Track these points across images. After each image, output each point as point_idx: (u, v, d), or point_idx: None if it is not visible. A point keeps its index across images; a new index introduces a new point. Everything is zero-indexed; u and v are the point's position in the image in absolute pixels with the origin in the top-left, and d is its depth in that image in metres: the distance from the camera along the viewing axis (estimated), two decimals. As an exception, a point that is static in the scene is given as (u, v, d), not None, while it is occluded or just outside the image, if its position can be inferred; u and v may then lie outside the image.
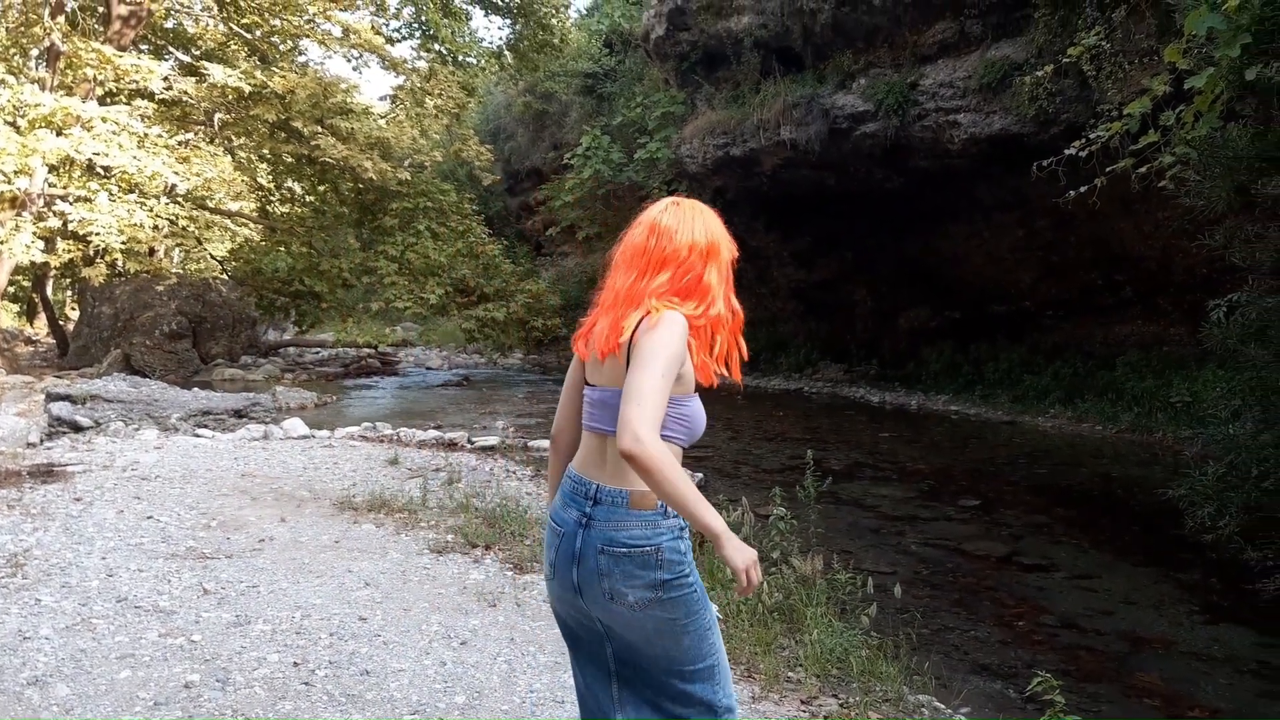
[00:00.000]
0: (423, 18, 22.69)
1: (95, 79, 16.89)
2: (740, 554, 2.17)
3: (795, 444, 12.13)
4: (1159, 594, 6.56)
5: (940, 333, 19.80)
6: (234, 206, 22.86)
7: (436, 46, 23.12)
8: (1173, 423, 12.24)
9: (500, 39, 33.67)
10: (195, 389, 16.83)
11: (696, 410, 2.36)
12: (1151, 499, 8.62)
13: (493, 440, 11.48)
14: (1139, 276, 15.73)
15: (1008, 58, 13.81)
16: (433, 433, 11.90)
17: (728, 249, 2.41)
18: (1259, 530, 6.01)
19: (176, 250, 24.50)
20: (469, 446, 11.26)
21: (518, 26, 23.63)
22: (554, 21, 23.21)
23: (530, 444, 11.50)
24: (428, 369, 25.25)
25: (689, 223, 2.39)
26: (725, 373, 2.44)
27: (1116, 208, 13.87)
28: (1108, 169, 6.24)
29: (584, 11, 31.46)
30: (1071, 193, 6.47)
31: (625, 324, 2.28)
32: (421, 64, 23.07)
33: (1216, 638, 5.68)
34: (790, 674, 4.33)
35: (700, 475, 9.59)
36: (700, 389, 2.40)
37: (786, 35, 17.29)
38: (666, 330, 2.22)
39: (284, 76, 18.68)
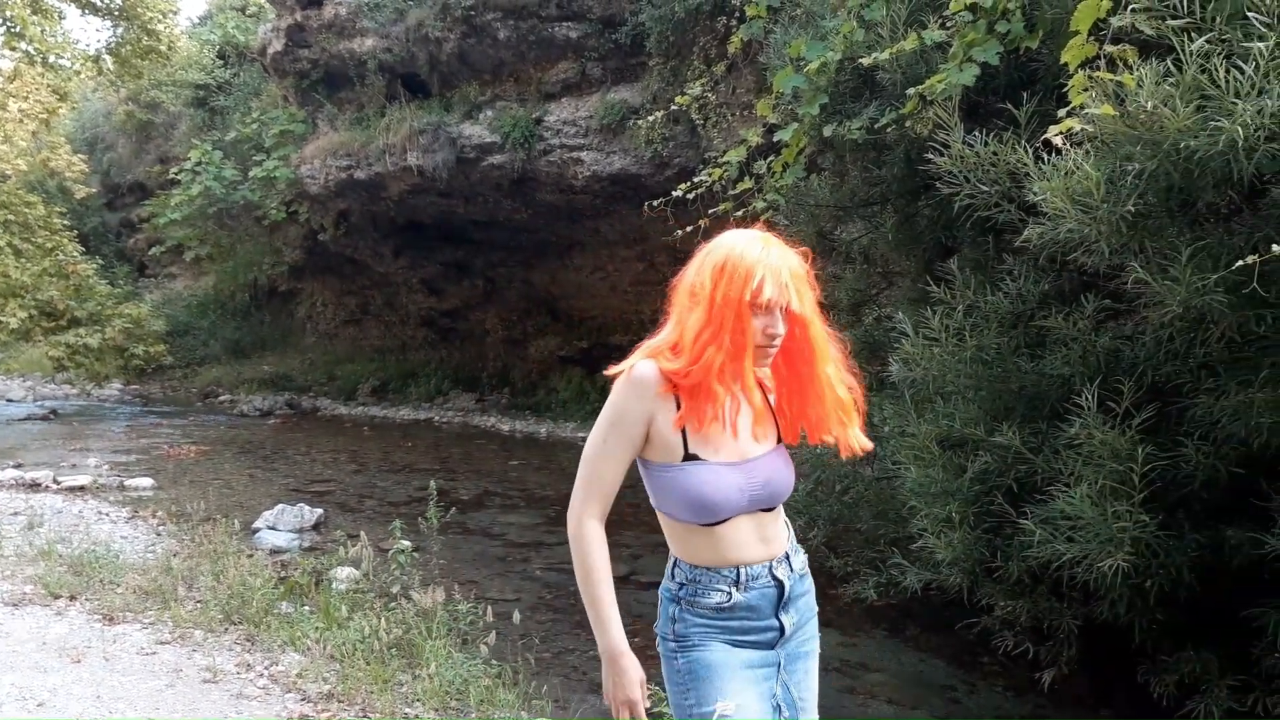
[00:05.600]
0: (7, 13, 20.25)
1: None
2: (607, 680, 2.06)
3: (423, 475, 11.94)
4: (759, 603, 7.09)
5: (569, 361, 20.40)
6: None
7: (23, 45, 20.70)
8: (774, 443, 13.33)
9: (100, 42, 30.73)
10: None
11: (684, 480, 2.04)
12: (753, 515, 9.34)
13: (83, 479, 10.50)
14: (745, 310, 17.08)
15: (625, 101, 14.53)
16: (12, 472, 10.67)
17: (735, 288, 1.99)
18: (840, 540, 6.68)
19: None
20: (55, 487, 10.21)
21: (119, 30, 21.70)
22: (160, 27, 21.49)
23: (127, 483, 10.58)
24: (8, 400, 22.41)
25: (702, 255, 2.11)
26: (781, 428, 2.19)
27: (723, 246, 15.02)
28: (709, 210, 6.72)
29: (196, 20, 29.45)
30: (679, 231, 6.88)
31: None
32: (5, 63, 20.61)
33: (806, 640, 6.21)
34: (408, 710, 4.23)
35: (321, 512, 9.24)
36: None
37: (412, 61, 17.14)
38: (611, 394, 2.04)
39: None
